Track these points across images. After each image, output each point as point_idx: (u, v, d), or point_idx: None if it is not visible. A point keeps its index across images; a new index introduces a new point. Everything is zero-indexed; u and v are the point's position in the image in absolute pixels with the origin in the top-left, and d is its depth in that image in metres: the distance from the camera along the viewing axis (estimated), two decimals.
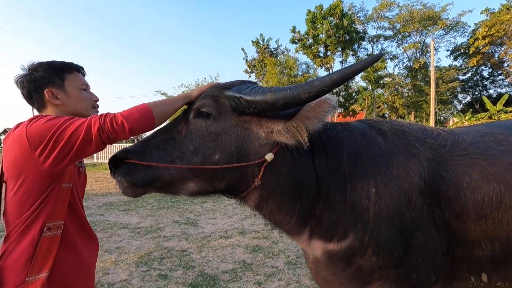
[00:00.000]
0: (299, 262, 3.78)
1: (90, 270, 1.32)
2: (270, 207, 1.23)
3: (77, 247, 1.25)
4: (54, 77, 1.31)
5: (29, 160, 1.10)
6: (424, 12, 28.10)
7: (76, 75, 1.39)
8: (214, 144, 1.17)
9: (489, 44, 26.62)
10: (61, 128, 1.08)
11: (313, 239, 1.25)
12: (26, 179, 1.12)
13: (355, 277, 1.21)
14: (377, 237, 1.13)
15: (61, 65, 1.36)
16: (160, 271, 3.56)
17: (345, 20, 25.92)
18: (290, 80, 26.32)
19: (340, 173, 1.20)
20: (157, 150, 1.20)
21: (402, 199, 1.12)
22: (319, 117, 1.13)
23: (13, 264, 1.10)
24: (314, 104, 1.11)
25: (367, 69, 27.32)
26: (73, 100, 1.34)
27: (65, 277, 1.18)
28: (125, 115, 1.11)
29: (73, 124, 1.09)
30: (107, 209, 6.88)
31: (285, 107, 1.10)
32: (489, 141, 1.23)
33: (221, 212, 6.52)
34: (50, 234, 1.14)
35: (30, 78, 1.30)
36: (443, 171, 1.16)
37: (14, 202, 1.14)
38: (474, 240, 1.13)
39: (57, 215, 1.16)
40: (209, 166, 1.16)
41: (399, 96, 32.39)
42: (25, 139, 1.09)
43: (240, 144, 1.17)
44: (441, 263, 1.16)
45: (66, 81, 1.34)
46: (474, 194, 1.12)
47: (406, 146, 1.22)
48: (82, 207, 1.36)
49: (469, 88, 33.64)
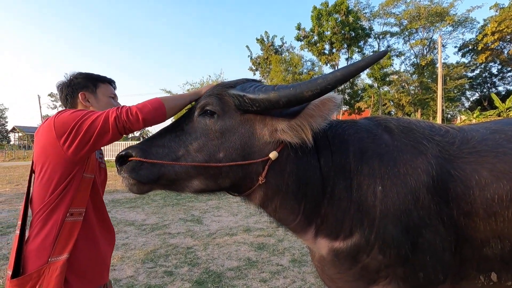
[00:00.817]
0: (304, 260, 3.78)
1: (105, 261, 1.42)
2: (275, 205, 1.23)
3: (96, 238, 1.36)
4: (89, 83, 1.52)
5: (55, 147, 1.22)
6: (432, 8, 27.69)
7: (108, 86, 1.60)
8: (219, 142, 1.18)
9: (498, 40, 26.14)
10: (83, 119, 1.21)
11: (319, 237, 1.25)
12: (51, 165, 1.24)
13: (361, 275, 1.20)
14: (384, 235, 1.12)
15: (97, 75, 1.59)
16: (166, 267, 3.59)
17: (350, 17, 25.66)
18: (295, 77, 26.21)
19: (346, 171, 1.19)
20: (162, 148, 1.21)
21: (409, 197, 1.11)
22: (323, 116, 1.12)
23: (38, 246, 1.21)
24: (318, 102, 1.10)
25: (373, 66, 27.21)
26: (102, 105, 1.52)
27: (82, 266, 1.28)
28: (139, 107, 1.23)
29: (93, 115, 1.22)
30: (113, 206, 6.96)
31: (288, 105, 1.09)
32: (499, 138, 1.21)
33: (226, 209, 6.54)
34: (72, 219, 1.26)
35: (69, 83, 1.52)
36: (451, 169, 1.14)
37: (40, 188, 1.26)
38: (483, 239, 1.11)
39: (79, 202, 1.29)
40: (213, 164, 1.16)
41: (406, 93, 32.04)
42: (52, 128, 1.23)
43: (244, 142, 1.17)
44: (449, 262, 1.14)
45: (98, 89, 1.54)
46: (484, 192, 1.10)
47: (414, 144, 1.20)
48: (102, 199, 1.48)
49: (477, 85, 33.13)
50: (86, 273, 1.30)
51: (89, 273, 1.31)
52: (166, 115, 1.29)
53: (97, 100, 1.53)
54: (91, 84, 1.53)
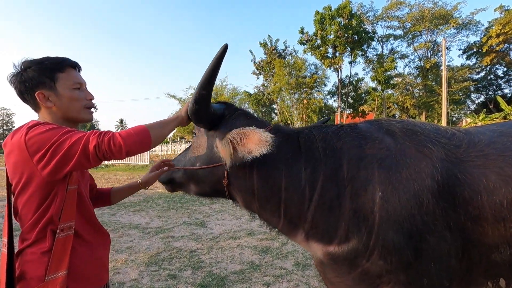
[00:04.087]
0: (308, 263, 3.75)
1: (103, 261, 1.35)
2: (256, 207, 1.36)
3: (89, 241, 1.28)
4: (45, 78, 1.23)
5: (29, 166, 1.11)
6: (436, 10, 27.61)
7: (69, 73, 1.29)
8: (196, 154, 1.47)
9: (503, 43, 25.95)
10: (59, 140, 1.08)
11: (311, 240, 1.26)
12: (29, 183, 1.13)
13: (362, 280, 1.18)
14: (384, 241, 1.10)
15: (53, 63, 1.26)
16: (170, 271, 3.58)
17: (354, 20, 25.61)
18: (298, 81, 26.22)
19: (339, 178, 1.19)
20: (181, 158, 1.60)
21: (412, 202, 1.09)
22: (246, 148, 1.18)
23: (31, 265, 1.13)
24: (240, 131, 1.21)
25: (376, 69, 27.16)
26: (65, 102, 1.27)
27: (79, 270, 1.20)
28: (124, 136, 1.11)
29: (73, 137, 1.09)
30: (117, 210, 6.98)
31: (195, 120, 1.34)
32: (507, 141, 1.18)
33: (230, 213, 6.53)
34: (63, 235, 1.17)
35: (21, 78, 1.23)
36: (458, 172, 1.12)
37: (22, 204, 1.16)
38: (492, 244, 1.09)
39: (67, 216, 1.18)
40: (189, 167, 1.48)
41: (410, 96, 31.87)
42: (24, 147, 1.10)
43: (208, 153, 1.39)
44: (455, 268, 1.12)
45: (58, 82, 1.26)
46: (492, 197, 1.08)
47: (418, 147, 1.18)
48: (90, 203, 1.37)
49: (482, 87, 32.83)
50: (84, 277, 1.23)
51: (88, 277, 1.24)
52: (151, 146, 1.20)
53: (59, 97, 1.26)
54: (48, 79, 1.24)
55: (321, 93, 28.52)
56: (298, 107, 27.27)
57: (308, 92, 27.15)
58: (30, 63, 1.24)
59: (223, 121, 1.38)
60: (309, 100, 27.11)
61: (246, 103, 28.99)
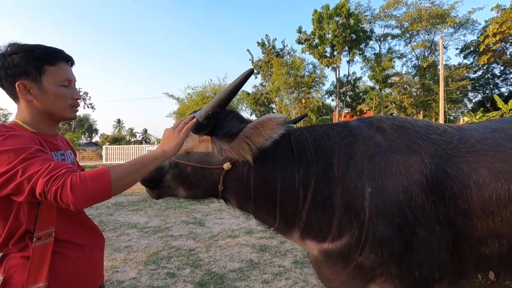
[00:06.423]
0: (306, 261, 3.78)
1: (98, 263, 1.27)
2: (251, 209, 1.37)
3: (81, 243, 1.19)
4: (31, 68, 1.10)
5: None
6: (433, 10, 27.65)
7: (60, 68, 1.16)
8: (186, 159, 1.42)
9: (500, 42, 26.03)
10: (14, 169, 0.94)
11: (306, 239, 1.30)
12: None
13: (356, 274, 1.21)
14: (375, 234, 1.13)
15: (44, 53, 1.13)
16: (168, 269, 3.60)
17: (351, 20, 25.66)
18: (296, 80, 26.22)
19: (329, 177, 1.23)
20: None
21: (401, 196, 1.12)
22: (265, 135, 1.20)
23: (16, 270, 1.06)
24: (255, 124, 1.21)
25: (374, 69, 27.24)
26: (49, 98, 1.14)
27: (70, 273, 1.13)
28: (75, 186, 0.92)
29: (26, 171, 0.94)
30: (116, 209, 6.99)
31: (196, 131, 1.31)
32: (498, 137, 1.21)
33: (228, 212, 6.55)
34: (41, 243, 1.05)
35: (3, 63, 1.09)
36: (447, 167, 1.15)
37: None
38: (481, 238, 1.12)
39: (45, 224, 1.07)
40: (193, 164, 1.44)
41: (408, 95, 31.93)
42: None
43: (202, 158, 1.38)
44: (445, 260, 1.15)
45: (45, 75, 1.12)
46: (481, 191, 1.10)
47: (407, 143, 1.21)
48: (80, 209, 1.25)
49: (479, 86, 32.95)
50: (76, 281, 1.14)
51: (80, 280, 1.16)
52: (112, 194, 0.99)
53: (43, 92, 1.12)
54: (34, 69, 1.10)
55: (319, 92, 28.56)
56: (297, 107, 27.27)
57: (306, 91, 27.17)
58: (17, 49, 1.10)
59: (217, 124, 1.36)
60: (307, 99, 27.15)
61: (244, 102, 28.87)
